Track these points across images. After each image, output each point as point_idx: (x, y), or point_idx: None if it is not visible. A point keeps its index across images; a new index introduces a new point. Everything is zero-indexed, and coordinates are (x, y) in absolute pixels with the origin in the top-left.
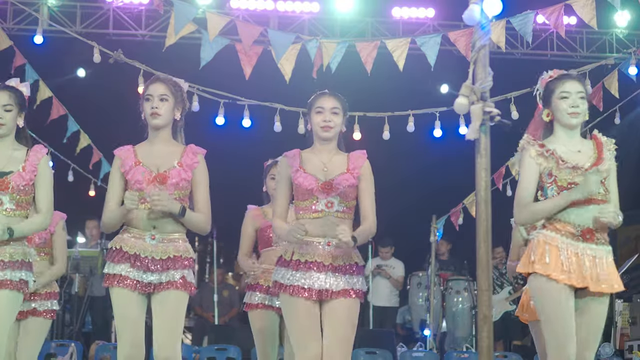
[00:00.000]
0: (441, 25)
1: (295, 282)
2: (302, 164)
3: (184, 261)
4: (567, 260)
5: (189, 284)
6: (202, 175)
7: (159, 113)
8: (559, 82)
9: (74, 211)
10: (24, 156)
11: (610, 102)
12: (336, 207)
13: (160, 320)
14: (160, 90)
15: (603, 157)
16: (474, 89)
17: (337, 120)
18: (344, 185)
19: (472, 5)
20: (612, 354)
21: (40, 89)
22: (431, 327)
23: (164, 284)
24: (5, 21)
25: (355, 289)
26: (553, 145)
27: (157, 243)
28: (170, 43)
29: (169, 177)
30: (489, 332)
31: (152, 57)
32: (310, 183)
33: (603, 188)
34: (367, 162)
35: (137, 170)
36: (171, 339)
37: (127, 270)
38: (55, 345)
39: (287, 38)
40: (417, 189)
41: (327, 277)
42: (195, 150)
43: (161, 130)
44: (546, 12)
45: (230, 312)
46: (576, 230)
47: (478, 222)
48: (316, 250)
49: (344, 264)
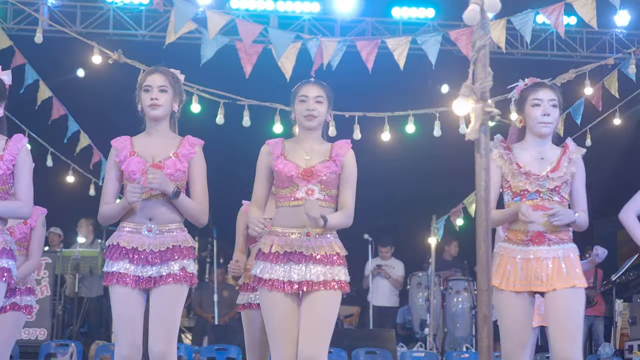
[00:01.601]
0: (441, 25)
1: (273, 276)
2: (284, 152)
3: (182, 251)
4: (513, 267)
5: (189, 274)
6: (199, 166)
7: (159, 104)
8: (532, 89)
9: (74, 211)
10: (3, 144)
11: (610, 102)
12: (317, 194)
13: (157, 314)
14: (159, 81)
15: (560, 165)
16: (474, 89)
17: (321, 109)
18: (325, 172)
19: (472, 5)
20: (612, 354)
21: (40, 89)
22: (431, 327)
23: (164, 276)
24: (6, 21)
25: (337, 279)
26: (519, 150)
27: (154, 235)
28: (170, 41)
29: (164, 167)
30: (489, 332)
31: (152, 57)
32: (290, 170)
33: (557, 195)
34: (352, 152)
35: (132, 160)
36: (167, 333)
37: (126, 267)
38: (55, 345)
39: (288, 36)
40: (417, 189)
41: (307, 267)
42: (192, 142)
43: (160, 121)
44: (546, 11)
45: (230, 312)
46: (526, 236)
47: (478, 222)
48: (295, 241)
49: (325, 254)
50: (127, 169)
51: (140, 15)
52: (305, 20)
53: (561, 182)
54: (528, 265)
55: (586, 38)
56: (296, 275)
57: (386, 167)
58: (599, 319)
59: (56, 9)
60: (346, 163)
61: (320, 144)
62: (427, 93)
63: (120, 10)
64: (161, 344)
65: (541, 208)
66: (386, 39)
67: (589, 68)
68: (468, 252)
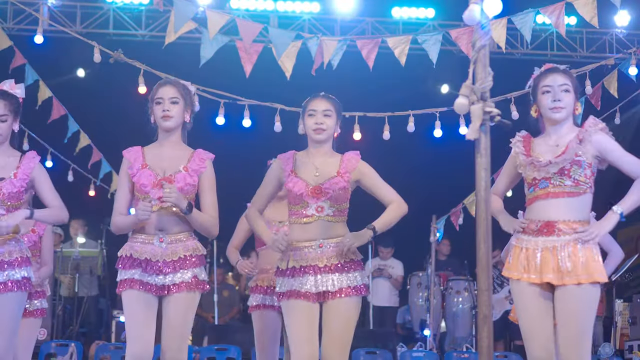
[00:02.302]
0: (441, 25)
1: (292, 288)
2: (295, 168)
3: (193, 259)
4: (525, 258)
5: (201, 282)
6: (209, 180)
7: (171, 115)
8: (542, 76)
9: (74, 211)
10: (16, 163)
11: (610, 102)
12: (326, 210)
13: (170, 322)
14: (170, 93)
15: (568, 148)
16: (474, 89)
17: (329, 123)
18: (333, 189)
19: (472, 5)
20: (612, 354)
21: (40, 89)
22: (431, 327)
23: (177, 284)
24: (6, 21)
25: (354, 285)
26: (539, 140)
27: (166, 245)
28: (170, 41)
29: (174, 181)
30: (489, 332)
31: (152, 57)
32: (300, 188)
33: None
34: (361, 163)
35: (144, 173)
36: (179, 342)
37: (140, 274)
38: (55, 345)
39: (288, 35)
40: (417, 189)
41: (324, 278)
42: (202, 156)
43: (172, 133)
44: (547, 11)
45: (230, 312)
46: (536, 225)
47: (478, 222)
48: (309, 254)
49: (340, 262)
50: (138, 181)
51: (140, 15)
52: (305, 21)
53: (568, 163)
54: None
55: (586, 38)
56: (314, 287)
57: (386, 167)
58: (597, 319)
59: (56, 9)
60: (362, 174)
61: (331, 156)
62: (427, 93)
63: (120, 10)
64: (174, 351)
65: (551, 195)
66: (386, 38)
67: (589, 68)
68: (462, 250)
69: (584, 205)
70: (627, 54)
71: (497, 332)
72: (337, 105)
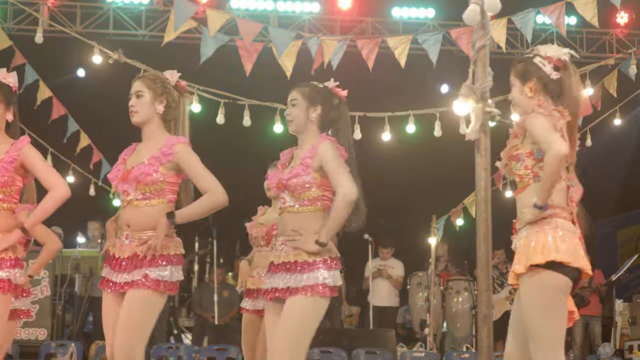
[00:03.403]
0: (441, 25)
1: (265, 286)
2: (289, 161)
3: (154, 258)
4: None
5: (156, 281)
6: (187, 160)
7: (135, 110)
8: None
9: (74, 211)
10: (7, 148)
11: (610, 102)
12: (288, 202)
13: (120, 318)
14: (136, 87)
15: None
16: (474, 89)
17: (294, 112)
18: (288, 178)
19: (472, 5)
20: (612, 354)
21: (40, 89)
22: (431, 327)
23: (131, 282)
24: (6, 21)
25: (302, 285)
26: None
27: (130, 242)
28: (170, 39)
29: (130, 172)
30: (489, 332)
31: (152, 57)
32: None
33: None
34: (322, 145)
35: (115, 169)
36: (127, 338)
37: (108, 272)
38: (55, 345)
39: (288, 35)
40: (417, 189)
41: (276, 277)
42: (171, 143)
43: (144, 126)
44: (547, 11)
45: (230, 312)
46: None
47: (478, 222)
48: (275, 250)
49: (293, 261)
50: (109, 176)
51: (140, 15)
52: (305, 20)
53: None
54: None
55: (586, 38)
56: (268, 284)
57: (386, 167)
58: (595, 319)
59: (56, 9)
60: (321, 158)
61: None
62: (427, 93)
63: (120, 10)
64: (122, 347)
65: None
66: (387, 38)
67: (589, 68)
68: (462, 250)
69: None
70: (627, 54)
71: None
72: (307, 90)
